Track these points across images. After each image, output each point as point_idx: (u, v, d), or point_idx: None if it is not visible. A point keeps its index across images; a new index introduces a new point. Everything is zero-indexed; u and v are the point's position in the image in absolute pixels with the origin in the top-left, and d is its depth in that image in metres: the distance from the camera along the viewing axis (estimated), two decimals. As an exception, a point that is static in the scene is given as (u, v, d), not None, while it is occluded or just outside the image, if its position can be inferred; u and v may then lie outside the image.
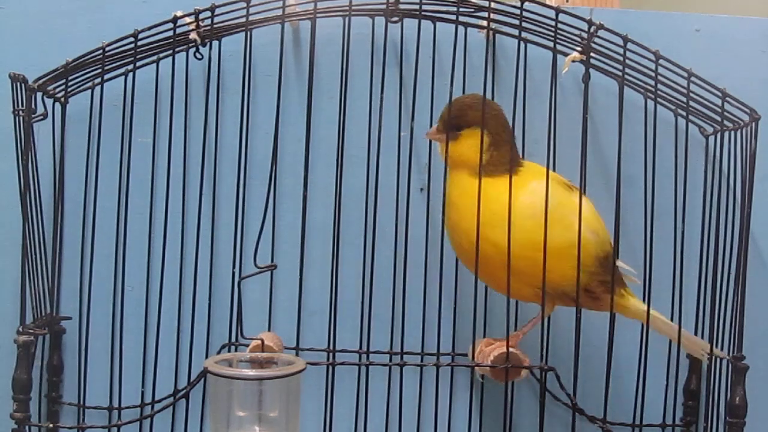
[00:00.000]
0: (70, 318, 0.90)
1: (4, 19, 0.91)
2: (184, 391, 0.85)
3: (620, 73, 0.83)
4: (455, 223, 0.81)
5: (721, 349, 0.87)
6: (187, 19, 0.83)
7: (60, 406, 0.90)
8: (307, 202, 0.83)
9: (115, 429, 0.86)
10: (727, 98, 0.84)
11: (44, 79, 0.82)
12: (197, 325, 0.88)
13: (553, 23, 0.81)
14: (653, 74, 0.83)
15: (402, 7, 0.84)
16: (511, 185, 0.78)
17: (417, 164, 0.92)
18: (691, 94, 0.84)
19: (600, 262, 0.81)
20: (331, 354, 0.84)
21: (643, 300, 0.85)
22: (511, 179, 0.78)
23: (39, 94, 0.83)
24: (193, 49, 0.85)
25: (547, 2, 0.90)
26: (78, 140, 0.91)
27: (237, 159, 0.86)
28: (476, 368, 0.83)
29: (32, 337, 0.79)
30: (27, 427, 0.79)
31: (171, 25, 0.82)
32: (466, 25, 0.87)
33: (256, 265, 0.76)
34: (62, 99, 0.89)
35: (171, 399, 0.87)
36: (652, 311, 0.82)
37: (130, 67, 0.86)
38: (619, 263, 0.83)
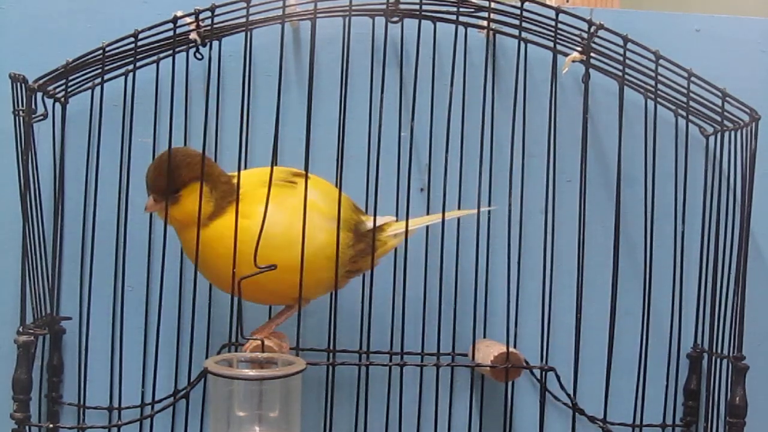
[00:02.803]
0: (70, 318, 0.90)
1: (4, 19, 0.91)
2: (184, 391, 0.85)
3: (620, 73, 0.83)
4: (213, 276, 0.80)
5: (721, 350, 0.87)
6: (187, 19, 0.83)
7: (60, 406, 0.90)
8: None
9: (115, 429, 0.86)
10: (727, 98, 0.84)
11: (44, 79, 0.82)
12: (197, 325, 0.88)
13: (553, 23, 0.82)
14: (653, 74, 0.83)
15: (402, 7, 0.84)
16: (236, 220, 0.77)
17: (417, 164, 0.92)
18: (691, 94, 0.84)
19: (354, 240, 0.81)
20: (331, 354, 0.84)
21: (643, 301, 0.86)
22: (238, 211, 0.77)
23: (39, 94, 0.83)
24: (193, 49, 0.85)
25: (547, 2, 0.90)
26: (78, 140, 0.91)
27: (237, 159, 0.86)
28: (476, 368, 0.83)
29: (32, 337, 0.79)
30: (27, 427, 0.79)
31: (171, 25, 0.82)
32: (466, 25, 0.86)
33: (256, 265, 0.76)
34: (62, 99, 0.89)
35: (171, 399, 0.87)
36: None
37: (130, 67, 0.86)
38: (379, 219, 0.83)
